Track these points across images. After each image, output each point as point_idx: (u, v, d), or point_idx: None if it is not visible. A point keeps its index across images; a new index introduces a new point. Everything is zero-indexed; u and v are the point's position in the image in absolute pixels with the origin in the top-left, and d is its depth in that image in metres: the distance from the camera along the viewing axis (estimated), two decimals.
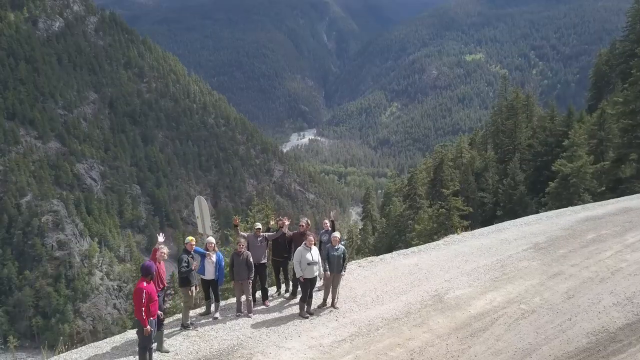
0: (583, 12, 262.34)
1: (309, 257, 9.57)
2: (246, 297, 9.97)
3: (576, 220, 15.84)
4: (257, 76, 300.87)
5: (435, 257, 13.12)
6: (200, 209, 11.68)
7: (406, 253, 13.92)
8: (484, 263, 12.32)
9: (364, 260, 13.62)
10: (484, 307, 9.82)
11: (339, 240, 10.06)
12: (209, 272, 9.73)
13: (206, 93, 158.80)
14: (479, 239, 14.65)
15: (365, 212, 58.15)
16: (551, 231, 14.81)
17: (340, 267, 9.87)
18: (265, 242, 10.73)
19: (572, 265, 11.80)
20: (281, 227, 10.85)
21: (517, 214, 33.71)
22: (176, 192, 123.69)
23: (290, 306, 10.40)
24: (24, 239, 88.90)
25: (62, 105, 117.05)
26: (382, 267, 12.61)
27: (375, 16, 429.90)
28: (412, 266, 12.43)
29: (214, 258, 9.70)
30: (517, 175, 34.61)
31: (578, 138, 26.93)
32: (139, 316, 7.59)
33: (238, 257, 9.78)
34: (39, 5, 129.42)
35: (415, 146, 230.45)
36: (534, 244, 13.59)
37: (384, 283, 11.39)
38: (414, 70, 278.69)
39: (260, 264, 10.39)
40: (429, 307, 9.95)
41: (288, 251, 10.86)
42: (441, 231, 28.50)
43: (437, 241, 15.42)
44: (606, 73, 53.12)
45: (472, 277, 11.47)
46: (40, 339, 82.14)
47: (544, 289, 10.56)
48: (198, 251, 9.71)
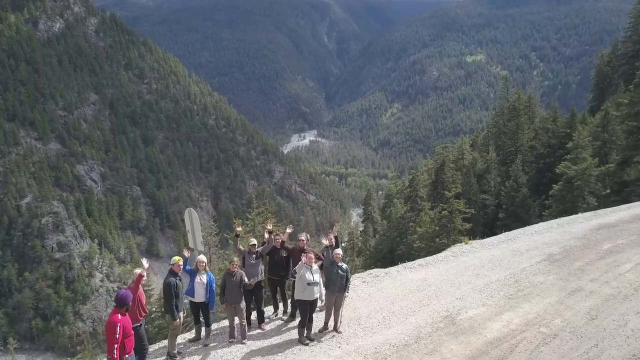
0: (584, 13, 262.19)
1: (309, 276, 8.68)
2: (240, 321, 9.09)
3: (589, 229, 15.21)
4: (257, 77, 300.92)
5: (444, 271, 12.35)
6: (190, 222, 10.85)
7: (413, 266, 13.13)
8: (497, 277, 11.57)
9: (368, 274, 12.70)
10: (500, 331, 9.03)
11: (341, 257, 9.27)
12: (199, 294, 8.85)
13: (207, 94, 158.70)
14: (489, 250, 13.95)
15: (366, 214, 57.82)
16: (564, 241, 14.16)
17: (343, 287, 9.02)
18: (261, 258, 9.87)
19: (591, 280, 11.07)
20: (277, 239, 9.93)
21: (519, 216, 33.49)
22: (177, 194, 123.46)
23: (288, 330, 9.56)
24: (23, 240, 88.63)
25: (62, 107, 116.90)
26: (388, 283, 11.77)
27: (376, 17, 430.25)
28: (420, 281, 11.67)
29: (204, 279, 8.84)
30: (520, 177, 34.27)
31: (582, 140, 26.60)
32: (112, 354, 6.59)
33: (230, 277, 8.92)
34: (40, 7, 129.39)
35: (416, 147, 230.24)
36: (548, 256, 12.92)
37: (391, 302, 10.57)
38: (414, 71, 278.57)
39: (256, 284, 9.58)
40: (440, 331, 9.12)
41: (286, 269, 10.00)
42: (443, 234, 28.20)
43: (445, 252, 14.62)
44: (608, 74, 52.83)
45: (485, 294, 10.70)
46: (40, 341, 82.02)
47: (564, 309, 9.79)
48: (187, 271, 8.90)
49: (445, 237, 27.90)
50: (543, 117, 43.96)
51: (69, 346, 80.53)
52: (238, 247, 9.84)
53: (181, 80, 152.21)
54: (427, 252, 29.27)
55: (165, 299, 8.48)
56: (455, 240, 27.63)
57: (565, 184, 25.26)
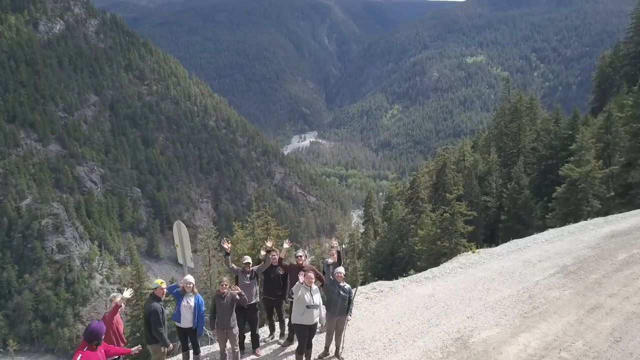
0: (584, 14, 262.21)
1: (308, 298, 7.82)
2: (232, 347, 8.28)
3: (602, 237, 14.58)
4: (258, 79, 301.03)
5: (453, 285, 11.58)
6: (179, 236, 10.02)
7: (419, 279, 12.33)
8: (509, 293, 10.81)
9: (372, 289, 11.79)
10: (518, 356, 8.17)
11: (343, 276, 8.40)
12: (186, 319, 8.05)
13: (207, 95, 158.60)
14: (499, 261, 13.21)
15: (367, 216, 57.51)
16: (577, 250, 13.51)
17: (345, 309, 8.19)
18: (256, 278, 9.00)
19: (610, 296, 10.39)
20: (274, 256, 9.14)
21: (521, 218, 33.26)
22: (177, 195, 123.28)
23: (285, 355, 8.77)
24: (23, 242, 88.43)
25: (62, 108, 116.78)
26: (393, 299, 10.96)
27: (376, 18, 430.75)
28: (428, 297, 10.89)
29: (192, 302, 8.05)
30: (522, 179, 34.03)
31: (586, 142, 26.31)
32: None
33: (221, 299, 8.09)
34: (40, 8, 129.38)
35: (417, 148, 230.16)
36: (562, 267, 12.26)
37: (397, 321, 9.74)
38: (415, 73, 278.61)
39: (250, 306, 8.75)
40: (452, 357, 8.28)
41: (282, 288, 9.18)
42: (445, 236, 27.95)
43: (452, 262, 13.85)
44: (610, 75, 52.68)
45: (498, 312, 9.94)
46: (40, 343, 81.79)
47: (585, 329, 9.03)
48: (172, 293, 8.13)
49: (447, 239, 27.65)
50: (545, 118, 43.75)
51: (68, 348, 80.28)
52: (230, 266, 8.94)
53: (181, 82, 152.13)
54: (428, 254, 29.07)
55: (152, 327, 7.63)
56: (457, 243, 27.39)
57: (569, 186, 24.98)
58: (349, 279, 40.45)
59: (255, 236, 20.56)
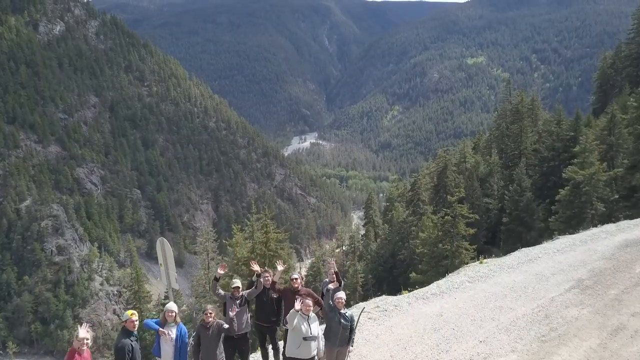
0: (584, 15, 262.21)
1: (305, 329, 7.02)
2: None
3: (616, 246, 13.92)
4: (258, 80, 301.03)
5: (462, 302, 10.85)
6: (163, 254, 9.28)
7: (425, 296, 11.52)
8: (523, 312, 10.07)
9: (375, 307, 10.99)
10: None
11: (344, 302, 7.51)
12: (167, 354, 7.12)
13: (207, 97, 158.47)
14: (509, 274, 12.49)
15: (368, 218, 57.31)
16: (591, 262, 12.84)
17: (346, 339, 7.39)
18: (247, 304, 8.09)
19: (632, 315, 9.63)
20: (267, 278, 8.20)
21: (523, 220, 33.01)
22: (177, 197, 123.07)
23: None
24: (23, 244, 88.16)
25: (62, 109, 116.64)
26: (398, 319, 10.12)
27: (377, 20, 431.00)
28: (436, 317, 10.10)
29: (173, 334, 7.08)
30: (524, 181, 33.79)
31: (590, 144, 26.00)
32: None
33: (205, 330, 7.26)
34: (40, 9, 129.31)
35: (417, 150, 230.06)
36: (577, 281, 11.54)
37: (403, 347, 8.92)
38: (415, 74, 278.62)
39: (240, 335, 7.90)
40: None
41: (277, 313, 8.33)
42: (446, 239, 27.70)
43: (460, 275, 13.09)
44: (611, 76, 52.44)
45: (513, 335, 9.13)
46: (39, 345, 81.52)
47: (610, 356, 8.23)
48: (150, 327, 7.18)
49: (448, 242, 27.41)
50: (546, 119, 43.49)
51: (68, 350, 79.96)
52: (217, 292, 8.04)
53: (182, 83, 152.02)
54: (430, 257, 28.82)
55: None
56: (459, 246, 27.14)
57: (573, 189, 24.67)
58: (349, 281, 40.21)
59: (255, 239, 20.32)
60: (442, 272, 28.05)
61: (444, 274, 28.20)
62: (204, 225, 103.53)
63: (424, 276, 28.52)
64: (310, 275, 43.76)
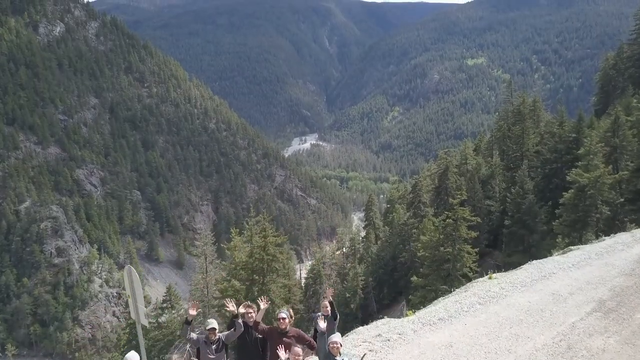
0: (585, 16, 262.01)
1: None
2: None
3: (635, 260, 13.04)
4: (258, 81, 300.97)
5: (473, 330, 9.76)
6: (130, 284, 8.16)
7: (432, 321, 10.40)
8: (543, 341, 9.03)
9: (376, 334, 9.87)
10: None
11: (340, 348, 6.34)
12: None
13: (207, 98, 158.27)
14: (523, 293, 11.50)
15: (368, 220, 56.98)
16: (611, 278, 11.93)
17: None
18: (224, 349, 7.13)
19: None
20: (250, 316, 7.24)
21: (526, 223, 32.64)
22: (177, 198, 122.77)
23: None
24: (22, 245, 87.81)
25: (62, 111, 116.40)
26: (403, 351, 8.98)
27: (377, 21, 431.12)
28: (445, 349, 8.99)
29: None
30: (526, 183, 33.39)
31: (594, 146, 25.60)
32: None
33: None
34: (40, 10, 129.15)
35: (417, 151, 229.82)
36: (598, 303, 10.54)
37: None
38: (415, 75, 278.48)
39: None
40: None
41: (262, 356, 7.31)
42: (448, 242, 27.34)
43: (468, 294, 12.10)
44: (613, 77, 52.09)
45: None
46: (38, 347, 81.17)
47: None
48: None
49: (450, 245, 27.05)
50: (549, 121, 43.13)
51: (67, 352, 79.75)
52: (189, 337, 7.03)
53: (182, 84, 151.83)
54: (431, 260, 28.44)
55: None
56: (461, 249, 26.78)
57: (577, 192, 24.26)
58: (350, 284, 39.84)
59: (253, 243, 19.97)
60: (444, 275, 27.73)
61: (446, 277, 27.94)
62: (204, 226, 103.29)
63: (425, 280, 28.17)
64: (310, 278, 43.41)
